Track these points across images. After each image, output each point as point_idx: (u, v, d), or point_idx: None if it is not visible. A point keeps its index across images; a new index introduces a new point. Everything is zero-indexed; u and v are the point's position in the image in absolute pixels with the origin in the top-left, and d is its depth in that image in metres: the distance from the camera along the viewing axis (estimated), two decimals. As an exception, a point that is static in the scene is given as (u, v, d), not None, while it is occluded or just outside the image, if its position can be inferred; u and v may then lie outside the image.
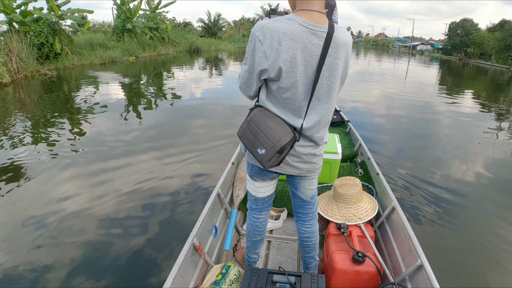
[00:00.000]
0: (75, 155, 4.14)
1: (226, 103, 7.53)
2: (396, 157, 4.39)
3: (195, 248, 1.56)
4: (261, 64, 1.07)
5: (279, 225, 2.21)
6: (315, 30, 1.05)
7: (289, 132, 1.11)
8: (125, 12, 19.36)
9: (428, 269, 1.36)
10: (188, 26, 44.75)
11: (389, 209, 1.94)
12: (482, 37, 31.62)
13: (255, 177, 1.36)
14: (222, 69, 16.05)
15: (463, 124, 6.65)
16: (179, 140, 4.77)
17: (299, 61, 1.06)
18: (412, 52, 56.89)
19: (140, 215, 2.78)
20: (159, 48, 22.10)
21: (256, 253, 1.64)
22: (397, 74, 17.40)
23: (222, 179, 2.14)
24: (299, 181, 1.38)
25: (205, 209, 1.77)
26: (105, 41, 17.87)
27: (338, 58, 1.10)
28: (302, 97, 1.12)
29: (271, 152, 1.08)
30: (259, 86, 1.16)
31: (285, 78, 1.07)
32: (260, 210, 1.50)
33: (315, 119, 1.16)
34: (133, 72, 13.13)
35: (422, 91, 10.89)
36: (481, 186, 3.71)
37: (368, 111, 7.28)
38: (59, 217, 2.72)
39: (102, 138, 4.85)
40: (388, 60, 31.28)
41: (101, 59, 15.45)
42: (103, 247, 2.35)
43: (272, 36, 1.03)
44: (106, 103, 7.15)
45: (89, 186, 3.32)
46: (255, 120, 1.14)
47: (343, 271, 1.50)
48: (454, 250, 2.49)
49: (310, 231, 1.50)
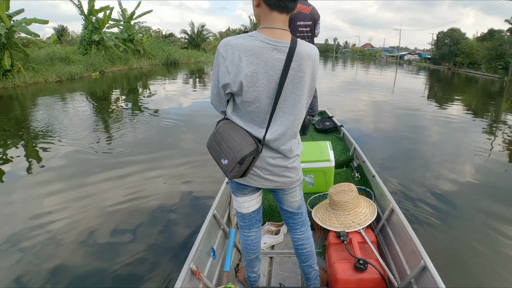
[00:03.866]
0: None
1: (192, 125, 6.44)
2: (391, 161, 4.46)
3: (193, 273, 1.52)
4: (224, 78, 1.11)
5: (280, 240, 2.17)
6: (276, 46, 1.09)
7: (252, 143, 1.13)
8: (92, 22, 17.85)
9: (433, 270, 1.34)
10: (169, 37, 43.88)
11: (388, 211, 1.94)
12: (471, 47, 31.55)
13: (235, 192, 1.39)
14: (196, 84, 14.58)
15: (458, 130, 6.76)
16: (166, 159, 4.49)
17: (260, 76, 1.09)
18: (399, 62, 57.21)
19: (130, 241, 2.62)
20: (131, 62, 20.47)
21: (254, 272, 1.64)
22: (389, 83, 17.25)
23: (217, 199, 2.08)
24: (282, 196, 1.39)
25: (201, 232, 1.74)
26: (68, 54, 16.20)
27: (302, 71, 1.13)
28: (266, 110, 1.15)
29: (232, 162, 1.11)
30: (226, 100, 1.20)
31: (247, 92, 1.11)
32: (249, 227, 1.51)
33: (279, 131, 1.18)
34: (84, 91, 11.52)
35: (414, 100, 11.05)
36: (476, 186, 3.78)
37: (363, 119, 7.33)
38: (35, 242, 2.58)
39: (77, 163, 4.37)
40: (376, 70, 30.97)
41: (58, 75, 13.68)
42: (90, 278, 2.21)
43: (234, 52, 1.07)
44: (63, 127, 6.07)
45: (73, 207, 3.13)
46: (220, 131, 1.18)
47: (345, 280, 1.48)
48: (454, 250, 2.50)
49: (303, 238, 1.51)
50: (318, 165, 2.33)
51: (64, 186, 3.61)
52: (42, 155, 4.68)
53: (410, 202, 3.16)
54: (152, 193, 3.39)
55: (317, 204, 2.17)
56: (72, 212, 3.03)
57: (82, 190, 3.49)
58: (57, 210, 3.06)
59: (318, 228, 2.00)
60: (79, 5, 17.47)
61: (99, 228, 2.76)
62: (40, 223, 2.84)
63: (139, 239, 2.62)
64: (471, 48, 31.36)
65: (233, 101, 1.19)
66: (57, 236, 2.66)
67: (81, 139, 5.33)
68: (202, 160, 4.26)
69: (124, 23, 21.59)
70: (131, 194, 3.36)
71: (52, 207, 3.13)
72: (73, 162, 4.34)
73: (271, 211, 2.30)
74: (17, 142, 5.29)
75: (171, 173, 3.92)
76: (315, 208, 2.10)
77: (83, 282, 2.16)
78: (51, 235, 2.67)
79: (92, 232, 2.70)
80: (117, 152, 4.72)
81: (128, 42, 21.79)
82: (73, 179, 3.78)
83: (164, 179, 3.74)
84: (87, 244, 2.56)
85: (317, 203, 2.19)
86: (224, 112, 1.24)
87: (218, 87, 1.15)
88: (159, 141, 5.33)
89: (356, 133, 5.67)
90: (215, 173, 3.70)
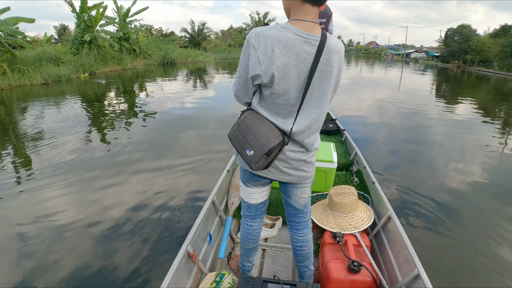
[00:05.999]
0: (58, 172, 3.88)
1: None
2: (392, 166, 4.40)
3: (189, 256, 1.56)
4: (254, 69, 1.09)
5: (274, 233, 2.20)
6: (308, 39, 1.08)
7: (278, 135, 1.13)
8: (84, 20, 17.12)
9: (425, 279, 1.36)
10: (170, 36, 43.17)
11: (385, 218, 1.95)
12: (482, 44, 30.31)
13: (247, 182, 1.39)
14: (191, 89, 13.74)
15: (467, 133, 6.42)
16: (170, 153, 4.66)
17: (291, 68, 1.09)
18: (406, 60, 55.97)
19: (133, 223, 2.76)
20: (125, 62, 19.67)
21: (250, 261, 1.67)
22: (396, 82, 16.71)
23: (217, 186, 2.15)
24: (291, 189, 1.39)
25: (199, 217, 1.78)
26: (59, 54, 15.47)
27: (330, 65, 1.13)
28: (293, 102, 1.15)
29: (259, 154, 1.10)
30: (253, 91, 1.19)
31: (278, 85, 1.10)
32: (253, 217, 1.53)
33: (305, 124, 1.18)
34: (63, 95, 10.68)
35: (422, 100, 10.63)
36: (477, 194, 3.66)
37: (367, 120, 7.19)
38: (49, 232, 2.67)
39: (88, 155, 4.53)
40: (382, 68, 30.04)
41: (44, 78, 12.80)
42: (95, 253, 2.37)
43: (266, 43, 1.06)
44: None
45: (84, 193, 3.34)
46: (246, 122, 1.17)
47: (338, 280, 1.52)
48: (451, 259, 2.45)
49: (303, 240, 1.52)
50: (321, 164, 2.36)
51: (63, 186, 3.60)
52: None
53: (409, 209, 3.13)
54: (153, 189, 3.44)
55: (315, 203, 2.19)
56: (70, 208, 3.09)
57: (81, 188, 3.54)
58: (57, 210, 3.06)
59: (313, 226, 2.00)
60: (70, 2, 16.75)
61: (99, 222, 2.82)
62: (39, 225, 2.82)
63: (137, 230, 2.68)
64: (482, 45, 30.16)
65: (260, 92, 1.19)
66: (59, 232, 2.70)
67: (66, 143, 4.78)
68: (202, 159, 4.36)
69: (119, 21, 20.84)
70: (133, 193, 3.38)
71: (53, 208, 3.11)
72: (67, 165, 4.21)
73: (268, 204, 2.37)
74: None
75: (172, 172, 3.93)
76: (313, 206, 2.11)
77: (82, 272, 2.20)
78: (52, 233, 2.68)
79: (91, 225, 2.77)
80: (114, 152, 4.68)
81: (124, 41, 21.04)
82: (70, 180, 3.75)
83: (168, 172, 3.84)
84: (94, 228, 2.70)
85: (315, 202, 2.23)
86: (247, 104, 1.24)
87: (246, 77, 1.14)
88: (151, 142, 5.20)
89: (358, 134, 5.64)
90: (214, 174, 3.73)
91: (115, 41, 20.26)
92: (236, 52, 37.58)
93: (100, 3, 17.51)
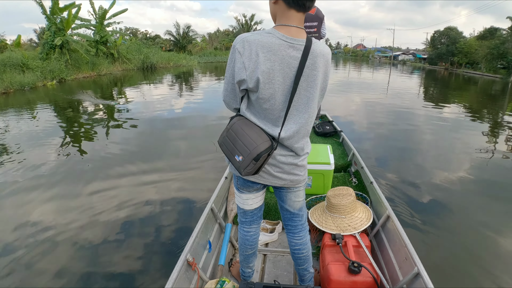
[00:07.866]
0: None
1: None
2: (389, 166, 4.40)
3: (189, 264, 1.56)
4: (240, 74, 1.11)
5: (275, 238, 2.20)
6: (292, 43, 1.09)
7: (267, 140, 1.14)
8: (55, 23, 16.05)
9: (425, 277, 1.37)
10: (154, 39, 42.06)
11: (384, 218, 1.96)
12: (469, 46, 30.47)
13: (241, 189, 1.40)
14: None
15: (458, 133, 6.53)
16: (166, 161, 4.60)
17: (277, 73, 1.10)
18: (393, 62, 56.33)
19: (130, 233, 2.74)
20: (101, 67, 18.59)
21: (250, 267, 1.68)
22: (384, 84, 16.64)
23: (215, 193, 2.14)
24: (285, 194, 1.40)
25: (198, 224, 1.78)
26: (26, 60, 14.37)
27: (316, 69, 1.14)
28: (280, 107, 1.16)
29: (247, 159, 1.11)
30: (240, 97, 1.20)
31: (263, 89, 1.11)
32: (250, 223, 1.53)
33: (293, 129, 1.19)
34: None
35: (414, 102, 10.73)
36: (475, 192, 3.68)
37: (360, 122, 7.20)
38: (37, 240, 2.64)
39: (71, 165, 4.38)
40: (370, 71, 29.89)
41: (5, 86, 11.60)
42: (93, 263, 2.35)
43: (251, 48, 1.08)
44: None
45: (77, 203, 3.29)
46: (234, 128, 1.18)
47: (339, 282, 1.52)
48: (450, 257, 2.46)
49: (301, 243, 1.52)
50: (318, 167, 2.39)
51: (56, 193, 3.56)
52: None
53: (407, 208, 3.12)
54: (146, 197, 3.40)
55: (314, 205, 2.19)
56: (63, 214, 3.06)
57: (71, 195, 3.49)
58: (52, 216, 3.03)
59: (313, 229, 2.00)
60: (40, 3, 15.66)
61: (94, 229, 2.78)
62: (34, 230, 2.78)
63: (135, 236, 2.67)
64: (469, 47, 30.33)
65: (248, 98, 1.19)
66: (56, 238, 2.67)
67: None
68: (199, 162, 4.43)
69: (96, 24, 19.79)
70: (127, 199, 3.34)
71: (45, 215, 3.06)
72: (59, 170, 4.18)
73: (267, 209, 2.33)
74: None
75: (164, 178, 3.90)
76: (312, 209, 2.12)
77: (80, 283, 2.15)
78: (47, 240, 2.64)
79: (88, 232, 2.74)
80: (106, 160, 4.60)
81: (101, 44, 20.00)
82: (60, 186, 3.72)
83: (157, 184, 3.76)
84: (83, 243, 2.60)
85: (314, 205, 2.22)
86: (236, 110, 1.25)
87: (233, 83, 1.15)
88: (147, 152, 5.12)
89: (353, 135, 5.65)
90: (213, 174, 3.86)
91: (92, 45, 19.25)
92: (222, 56, 36.82)
93: (72, 3, 16.49)
